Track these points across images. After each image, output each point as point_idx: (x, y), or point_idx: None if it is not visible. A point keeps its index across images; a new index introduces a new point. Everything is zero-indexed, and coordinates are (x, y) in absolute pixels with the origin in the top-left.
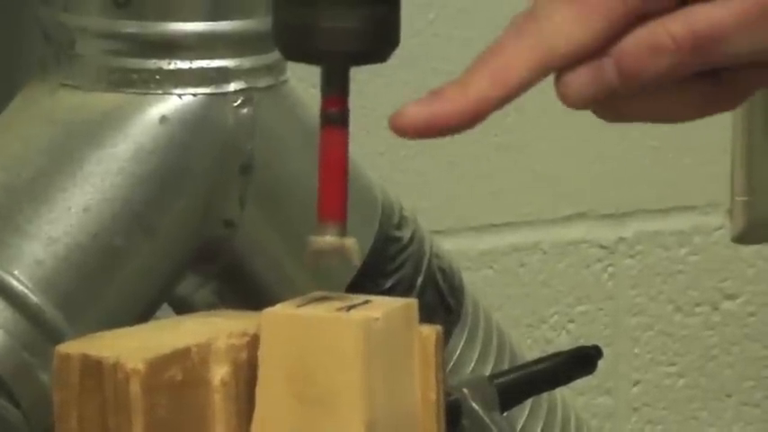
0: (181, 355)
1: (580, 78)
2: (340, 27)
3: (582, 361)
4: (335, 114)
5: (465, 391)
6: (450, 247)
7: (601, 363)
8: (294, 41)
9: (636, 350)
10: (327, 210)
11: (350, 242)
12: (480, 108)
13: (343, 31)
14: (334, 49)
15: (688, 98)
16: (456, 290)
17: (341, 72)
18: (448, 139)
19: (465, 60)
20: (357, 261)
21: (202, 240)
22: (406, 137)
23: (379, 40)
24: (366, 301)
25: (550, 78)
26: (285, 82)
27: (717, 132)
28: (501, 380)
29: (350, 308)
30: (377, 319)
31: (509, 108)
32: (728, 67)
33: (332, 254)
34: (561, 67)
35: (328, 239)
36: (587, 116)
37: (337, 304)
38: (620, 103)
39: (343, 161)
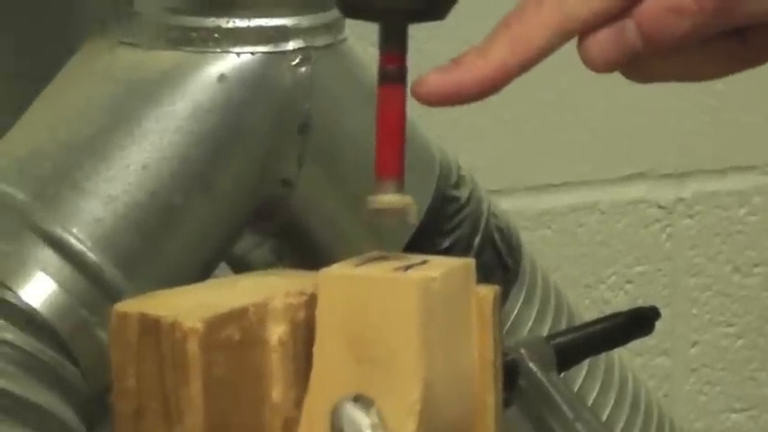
0: (238, 315)
1: (602, 42)
2: None
3: (640, 322)
4: (394, 71)
5: (522, 351)
6: (508, 206)
7: (658, 324)
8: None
9: (694, 311)
10: (385, 167)
11: (408, 200)
12: (500, 75)
13: None
14: (392, 7)
15: (714, 57)
16: (513, 249)
17: (399, 29)
18: (506, 97)
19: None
20: (415, 219)
21: (260, 199)
22: (428, 104)
23: None
24: (424, 261)
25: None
26: (343, 41)
27: None
28: (558, 340)
29: (407, 267)
30: (434, 278)
31: (566, 66)
32: (751, 26)
33: (390, 212)
34: (582, 32)
35: (386, 198)
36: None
37: (395, 264)
38: (646, 64)
39: (401, 119)
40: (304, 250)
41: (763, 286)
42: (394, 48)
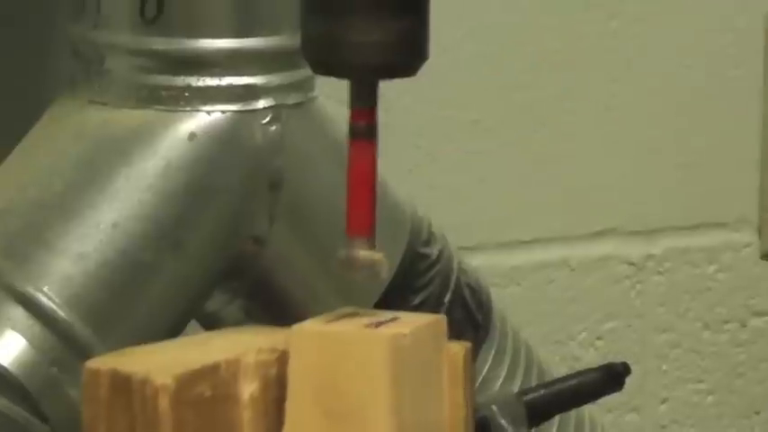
0: (210, 371)
1: None
2: (368, 41)
3: (611, 378)
4: (364, 128)
5: (494, 407)
6: (479, 263)
7: (628, 380)
8: (323, 55)
9: (664, 367)
10: (356, 224)
11: (378, 256)
12: None
13: (371, 45)
14: (363, 63)
15: None
16: (484, 306)
17: (369, 86)
18: (477, 155)
19: (492, 78)
20: (386, 275)
21: (231, 257)
22: None
23: (408, 54)
24: (395, 318)
25: (582, 96)
26: (314, 99)
27: (746, 149)
28: (530, 396)
29: (378, 324)
30: (405, 335)
31: (539, 124)
32: None
33: (361, 267)
34: None
35: (357, 253)
36: (616, 133)
37: (366, 320)
38: None
39: (372, 174)
40: (275, 307)
41: (733, 343)
42: (364, 104)
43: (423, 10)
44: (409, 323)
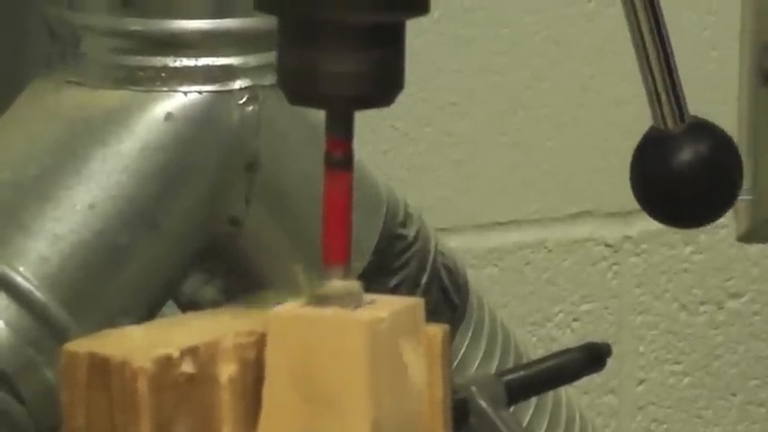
0: (188, 354)
1: None
2: (344, 72)
3: (592, 358)
4: (339, 158)
5: (473, 388)
6: (456, 244)
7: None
8: (298, 86)
9: (641, 349)
10: (332, 254)
11: (354, 286)
12: None
13: (347, 76)
14: (339, 94)
15: None
16: (461, 288)
17: (345, 116)
18: (454, 137)
19: (469, 59)
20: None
21: (208, 238)
22: None
23: (384, 84)
24: (372, 301)
25: (559, 78)
26: None
27: None
28: (509, 377)
29: (356, 307)
30: (383, 319)
31: (516, 106)
32: None
33: (336, 299)
34: None
35: (333, 284)
36: (593, 114)
37: (343, 303)
38: None
39: (347, 205)
40: (252, 289)
41: (710, 324)
42: (340, 134)
43: (398, 40)
44: (387, 306)
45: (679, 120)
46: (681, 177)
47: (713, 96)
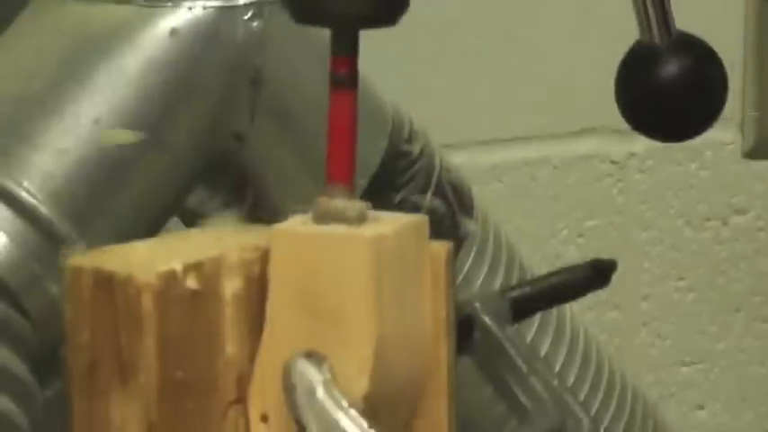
0: (193, 269)
1: None
2: None
3: (597, 274)
4: (344, 77)
5: (476, 305)
6: (460, 161)
7: None
8: (303, 4)
9: (645, 265)
10: (336, 172)
11: (357, 205)
12: None
13: None
14: (344, 12)
15: None
16: (465, 204)
17: (350, 35)
18: (458, 54)
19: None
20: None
21: (212, 153)
22: None
23: (389, 3)
24: (376, 218)
25: None
26: None
27: (728, 48)
28: (513, 293)
29: (360, 224)
30: (387, 236)
31: (520, 22)
32: None
33: (339, 218)
34: None
35: (336, 202)
36: (599, 29)
37: (347, 220)
38: None
39: (352, 124)
40: (257, 204)
41: (715, 240)
42: (345, 52)
43: None
44: (391, 223)
45: (666, 35)
46: (665, 91)
47: (719, 11)
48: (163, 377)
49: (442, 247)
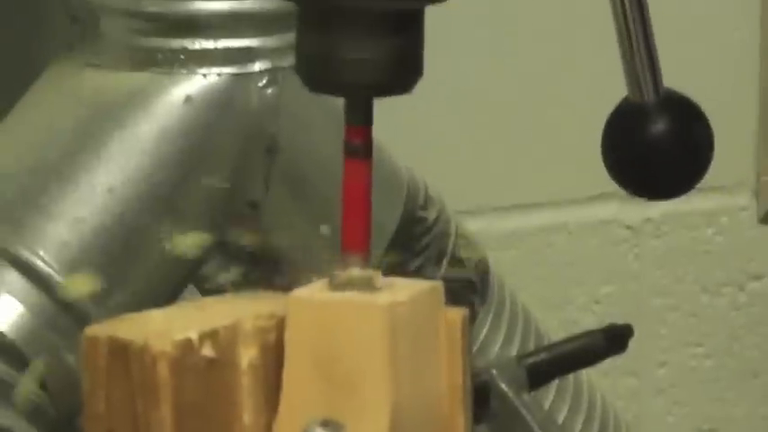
0: (208, 337)
1: None
2: (363, 58)
3: (613, 340)
4: (359, 146)
5: (493, 372)
6: (476, 227)
7: None
8: (317, 73)
9: (662, 331)
10: (351, 242)
11: (374, 273)
12: None
13: (365, 63)
14: (357, 81)
15: None
16: (481, 271)
17: (364, 103)
18: (474, 118)
19: (488, 41)
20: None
21: (227, 221)
22: None
23: (403, 72)
24: (391, 284)
25: (579, 59)
26: None
27: (743, 113)
28: (530, 360)
29: (375, 291)
30: (402, 302)
31: (536, 87)
32: None
33: (354, 284)
34: None
35: (352, 272)
36: (614, 96)
37: (362, 286)
38: None
39: (366, 192)
40: (272, 272)
41: (731, 306)
42: (359, 121)
43: (417, 27)
44: (406, 289)
45: (654, 93)
46: (654, 148)
47: (733, 77)
48: None
49: (457, 314)
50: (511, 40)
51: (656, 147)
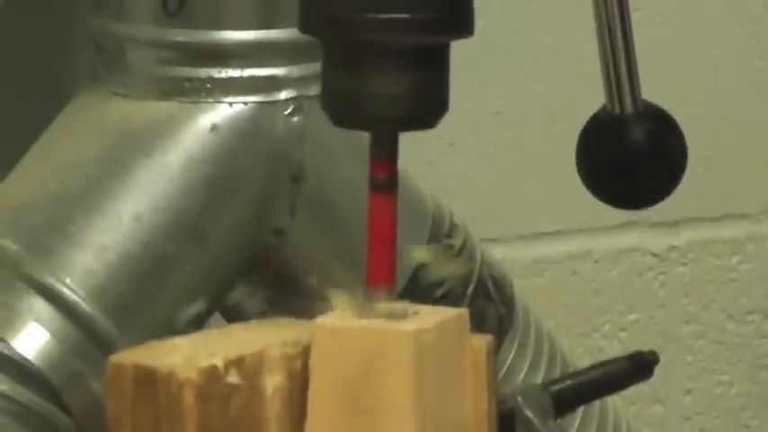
0: (234, 364)
1: None
2: (388, 93)
3: (639, 367)
4: (384, 180)
5: (519, 399)
6: (501, 255)
7: None
8: (343, 108)
9: (688, 359)
10: (377, 276)
11: (399, 307)
12: None
13: (391, 98)
14: (383, 116)
15: None
16: (507, 298)
17: (389, 138)
18: (498, 146)
19: (513, 68)
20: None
21: (253, 249)
22: None
23: (428, 106)
24: (416, 311)
25: (603, 87)
26: None
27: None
28: (555, 387)
29: (400, 318)
30: (428, 330)
31: (560, 115)
32: None
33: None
34: None
35: (377, 306)
36: None
37: (388, 314)
38: None
39: (392, 227)
40: (298, 299)
41: (757, 334)
42: (384, 156)
43: (442, 62)
44: (432, 317)
45: (633, 104)
46: (631, 158)
47: (759, 106)
48: None
49: (482, 341)
50: (536, 67)
51: (635, 156)
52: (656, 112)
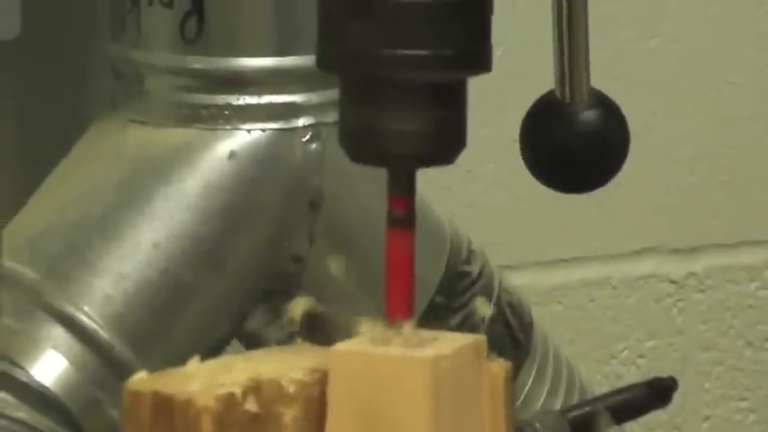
0: (252, 391)
1: None
2: (406, 130)
3: (657, 393)
4: (401, 216)
5: (537, 425)
6: (519, 282)
7: None
8: (360, 143)
9: (706, 385)
10: (394, 309)
11: (417, 334)
12: None
13: (408, 134)
14: (400, 152)
15: None
16: (525, 325)
17: (407, 174)
18: (516, 173)
19: (531, 96)
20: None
21: (271, 276)
22: None
23: (446, 142)
24: (434, 338)
25: None
26: None
27: None
28: (573, 413)
29: (418, 345)
30: (446, 356)
31: None
32: None
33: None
34: None
35: (395, 333)
36: (657, 150)
37: (406, 341)
38: None
39: (410, 262)
40: (315, 326)
41: None
42: (402, 192)
43: (460, 98)
44: (449, 343)
45: (582, 92)
46: (576, 142)
47: None
48: None
49: (501, 367)
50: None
51: (581, 140)
52: (603, 100)
